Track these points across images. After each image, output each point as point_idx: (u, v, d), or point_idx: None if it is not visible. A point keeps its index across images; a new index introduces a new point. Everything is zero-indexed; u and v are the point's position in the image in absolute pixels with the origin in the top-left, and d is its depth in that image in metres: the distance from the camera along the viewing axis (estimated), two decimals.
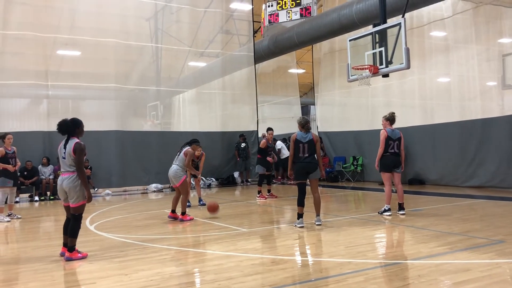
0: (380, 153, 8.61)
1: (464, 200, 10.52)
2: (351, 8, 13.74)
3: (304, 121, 7.74)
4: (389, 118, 8.70)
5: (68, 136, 5.83)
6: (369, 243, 6.39)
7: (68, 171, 5.76)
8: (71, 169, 5.74)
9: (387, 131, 8.60)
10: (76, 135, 5.87)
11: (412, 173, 14.70)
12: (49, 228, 9.02)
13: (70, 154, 5.69)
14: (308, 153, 7.53)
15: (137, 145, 15.80)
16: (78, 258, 5.68)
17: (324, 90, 19.10)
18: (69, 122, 5.88)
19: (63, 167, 5.82)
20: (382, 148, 8.58)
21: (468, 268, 4.78)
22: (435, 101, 14.70)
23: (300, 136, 7.60)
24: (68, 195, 5.75)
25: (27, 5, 14.65)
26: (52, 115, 15.11)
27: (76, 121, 5.95)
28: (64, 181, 5.73)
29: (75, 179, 5.71)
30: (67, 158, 5.73)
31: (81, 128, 5.95)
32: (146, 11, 16.88)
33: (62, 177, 5.78)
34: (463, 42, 14.05)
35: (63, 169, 5.81)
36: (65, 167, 5.77)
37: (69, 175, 5.74)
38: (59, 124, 5.86)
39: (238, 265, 5.17)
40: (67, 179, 5.72)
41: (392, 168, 8.61)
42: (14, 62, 14.86)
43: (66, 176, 5.75)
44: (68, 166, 5.75)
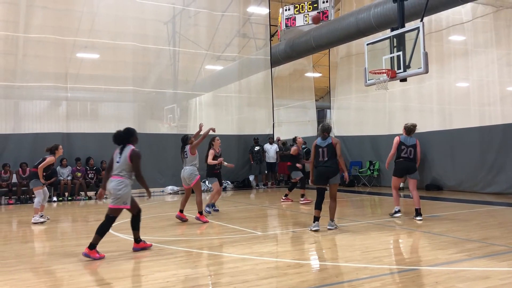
0: (390, 156, 9.04)
1: (483, 207, 10.35)
2: (368, 12, 13.67)
3: (321, 128, 7.83)
4: (405, 127, 9.09)
5: (123, 144, 6.15)
6: (385, 248, 6.33)
7: (117, 175, 6.00)
8: (121, 174, 5.99)
9: (401, 137, 8.97)
10: (131, 142, 6.20)
11: (430, 178, 14.52)
12: (67, 229, 9.14)
13: (126, 160, 5.99)
14: (327, 157, 7.57)
15: (153, 147, 15.92)
16: (96, 258, 5.76)
17: (341, 94, 19.02)
18: (122, 133, 6.23)
19: (114, 171, 6.07)
20: (392, 152, 8.96)
21: (487, 276, 4.70)
22: (453, 106, 14.51)
23: (320, 142, 7.73)
24: (110, 196, 6.01)
25: (48, 8, 14.92)
26: (71, 117, 15.37)
27: (130, 130, 6.30)
28: (111, 183, 6.00)
29: (121, 184, 5.96)
30: (121, 163, 6.01)
31: (135, 136, 6.30)
32: (164, 14, 17.04)
33: (111, 180, 6.04)
34: (483, 47, 13.87)
35: (114, 173, 6.06)
36: (116, 171, 6.04)
37: (117, 178, 5.99)
38: (114, 137, 6.23)
39: (253, 268, 5.17)
40: (115, 181, 5.99)
41: (405, 174, 8.88)
42: (35, 64, 15.13)
43: (114, 179, 6.01)
44: (119, 171, 6.00)
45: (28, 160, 13.76)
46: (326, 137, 7.70)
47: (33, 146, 14.17)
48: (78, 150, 14.78)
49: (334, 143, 7.60)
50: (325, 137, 7.69)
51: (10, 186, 13.36)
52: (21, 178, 13.48)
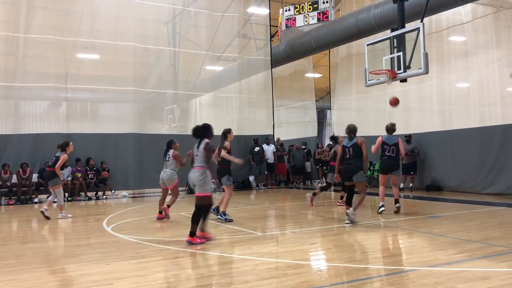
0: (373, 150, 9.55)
1: (483, 207, 10.35)
2: (369, 13, 13.68)
3: (347, 129, 8.42)
4: (386, 127, 9.76)
5: (201, 138, 6.77)
6: (385, 249, 6.33)
7: (198, 166, 6.66)
8: (201, 165, 6.64)
9: (383, 137, 9.52)
10: (207, 137, 6.80)
11: (430, 179, 14.53)
12: (67, 229, 9.14)
13: (202, 152, 6.65)
14: (352, 155, 8.13)
15: (154, 148, 15.88)
16: (197, 243, 6.43)
17: (341, 95, 19.03)
18: (201, 128, 6.88)
19: (195, 163, 6.75)
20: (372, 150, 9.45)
21: (488, 276, 4.70)
22: (453, 107, 14.53)
23: (346, 142, 8.39)
24: (194, 186, 6.63)
25: (48, 9, 14.93)
26: (71, 118, 15.38)
27: (206, 126, 6.92)
28: (194, 175, 6.64)
29: (201, 174, 6.58)
30: (199, 156, 6.67)
31: (211, 131, 6.90)
32: (164, 15, 17.05)
33: (193, 171, 6.68)
34: (483, 47, 13.89)
35: (195, 164, 6.73)
36: (196, 163, 6.71)
37: (198, 169, 6.64)
38: (193, 130, 6.89)
39: (253, 269, 5.17)
40: (196, 172, 6.63)
41: (388, 171, 9.53)
42: (35, 65, 15.15)
43: (195, 170, 6.67)
44: (199, 163, 6.67)
45: (29, 160, 13.79)
46: (352, 137, 8.27)
47: (33, 147, 14.19)
48: (78, 150, 14.69)
49: (359, 143, 8.15)
50: (351, 138, 8.27)
51: (10, 187, 13.36)
52: (21, 179, 13.48)
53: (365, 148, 8.15)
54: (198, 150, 6.74)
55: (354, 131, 8.35)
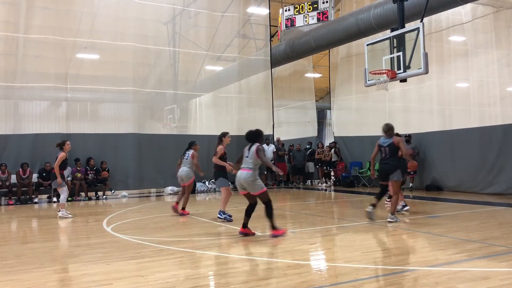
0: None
1: (483, 207, 10.35)
2: (368, 13, 13.68)
3: (386, 128, 8.54)
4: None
5: (253, 142, 7.18)
6: (385, 249, 6.33)
7: (247, 168, 6.98)
8: (250, 167, 6.96)
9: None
10: (258, 141, 7.22)
11: (430, 179, 14.53)
12: (67, 229, 9.13)
13: (253, 155, 6.99)
14: (388, 155, 8.26)
15: (154, 148, 15.93)
16: (281, 234, 6.98)
17: (341, 95, 19.02)
18: (253, 132, 7.28)
19: (244, 164, 7.08)
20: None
21: (487, 276, 4.70)
22: (453, 107, 14.52)
23: (382, 141, 8.53)
24: (247, 187, 6.97)
25: (48, 9, 14.93)
26: (71, 118, 15.38)
27: (259, 131, 7.35)
28: (242, 175, 6.98)
29: (250, 175, 6.91)
30: (250, 158, 7.02)
31: (262, 137, 7.38)
32: (164, 15, 17.05)
33: (241, 172, 7.01)
34: (483, 47, 13.88)
35: (244, 166, 7.05)
36: (245, 165, 7.04)
37: (246, 171, 6.96)
38: (247, 134, 7.29)
39: (253, 269, 5.17)
40: (245, 174, 6.96)
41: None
42: (35, 65, 15.14)
43: (244, 172, 6.98)
44: (248, 164, 6.98)
45: (29, 160, 13.78)
46: (390, 135, 8.40)
47: (33, 147, 14.19)
48: (78, 150, 14.76)
49: (396, 142, 8.28)
50: (390, 136, 8.40)
51: (10, 187, 13.35)
52: (21, 179, 13.48)
53: (403, 146, 8.29)
54: (249, 152, 7.09)
55: (392, 129, 8.47)
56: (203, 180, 16.53)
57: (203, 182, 16.51)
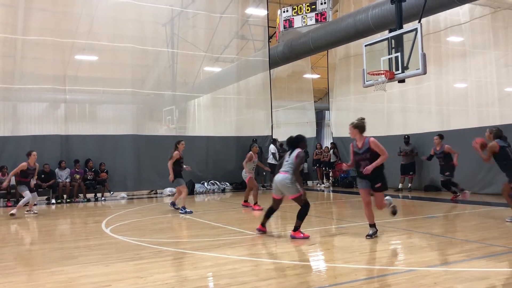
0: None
1: (482, 207, 10.37)
2: (366, 14, 13.69)
3: (499, 132, 8.54)
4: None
5: (294, 147, 7.29)
6: (384, 249, 6.34)
7: (284, 171, 7.09)
8: (287, 170, 7.06)
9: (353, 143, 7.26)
10: (300, 147, 7.30)
11: (428, 179, 14.54)
12: (66, 231, 9.13)
13: (293, 159, 7.10)
14: None
15: (152, 149, 15.91)
16: (300, 238, 6.88)
17: (339, 95, 19.04)
18: (294, 138, 7.40)
19: (283, 168, 7.19)
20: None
21: (486, 276, 4.71)
22: (452, 107, 14.56)
23: (502, 143, 8.46)
24: (283, 190, 7.08)
25: (46, 11, 14.91)
26: (70, 119, 15.35)
27: (300, 137, 7.46)
28: (278, 178, 7.09)
29: (287, 178, 7.00)
30: (289, 162, 7.12)
31: (304, 141, 7.46)
32: (163, 16, 17.04)
33: (278, 175, 7.12)
34: (481, 48, 13.92)
35: (283, 169, 7.17)
36: (284, 168, 7.17)
37: (283, 174, 7.08)
38: (288, 139, 7.45)
39: (252, 270, 5.17)
40: (282, 177, 7.06)
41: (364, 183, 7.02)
42: (33, 67, 15.11)
43: (281, 174, 7.09)
44: (286, 168, 7.11)
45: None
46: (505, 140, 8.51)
47: (31, 148, 14.13)
48: (76, 152, 14.77)
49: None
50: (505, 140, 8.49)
51: (8, 189, 13.33)
52: None
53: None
54: (289, 157, 7.20)
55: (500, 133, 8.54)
56: (202, 181, 16.54)
57: (201, 183, 16.51)
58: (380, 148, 6.76)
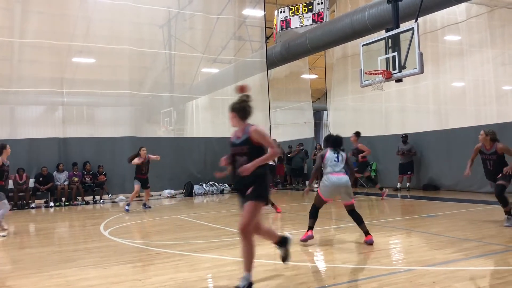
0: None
1: (480, 206, 10.37)
2: (363, 13, 13.71)
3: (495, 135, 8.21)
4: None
5: (339, 146, 6.99)
6: (382, 249, 6.33)
7: (342, 172, 6.76)
8: (342, 171, 6.76)
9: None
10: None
11: (427, 178, 14.56)
12: (64, 234, 9.12)
13: (345, 159, 6.87)
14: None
15: (150, 151, 15.85)
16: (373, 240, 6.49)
17: (337, 96, 19.06)
18: (340, 138, 7.06)
19: (337, 168, 6.76)
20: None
21: (485, 275, 4.71)
22: (449, 106, 14.58)
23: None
24: (344, 195, 6.67)
25: (43, 13, 14.91)
26: (68, 122, 15.34)
27: (340, 137, 7.11)
28: (343, 180, 6.66)
29: (348, 181, 6.74)
30: (341, 162, 6.82)
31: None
32: (160, 18, 17.04)
33: (340, 177, 6.68)
34: (478, 46, 13.95)
35: (338, 170, 6.74)
36: (338, 168, 6.75)
37: (345, 175, 6.74)
38: (334, 139, 6.99)
39: None
40: (346, 178, 6.71)
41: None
42: (31, 70, 15.11)
43: (343, 176, 6.71)
44: (341, 169, 6.77)
45: (25, 165, 13.73)
46: None
47: (29, 152, 14.14)
48: (74, 155, 14.75)
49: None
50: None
51: (7, 192, 13.29)
52: (18, 184, 13.43)
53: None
54: (341, 157, 6.83)
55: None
56: (200, 183, 16.53)
57: (200, 184, 16.50)
58: (267, 139, 4.87)
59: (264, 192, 4.63)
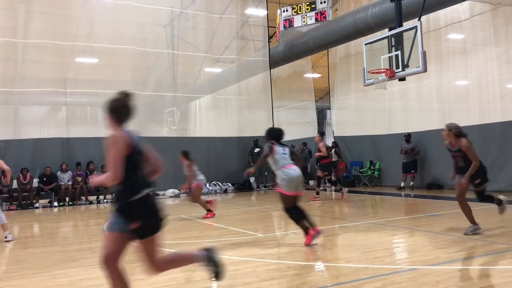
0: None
1: (484, 205, 10.28)
2: (366, 12, 13.67)
3: (460, 130, 7.56)
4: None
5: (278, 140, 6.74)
6: (386, 248, 6.32)
7: (291, 164, 6.57)
8: (292, 162, 6.59)
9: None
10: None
11: (431, 177, 14.51)
12: (68, 234, 9.14)
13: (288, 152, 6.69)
14: None
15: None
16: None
17: (340, 95, 19.02)
18: (281, 130, 6.88)
19: (288, 161, 6.58)
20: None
21: (489, 274, 4.69)
22: (453, 104, 14.50)
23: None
24: (300, 185, 6.59)
25: (46, 14, 14.96)
26: (71, 122, 15.38)
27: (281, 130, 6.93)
28: (299, 172, 6.55)
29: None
30: (288, 155, 6.63)
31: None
32: (163, 18, 17.06)
33: (297, 169, 6.53)
34: (482, 44, 13.87)
35: (291, 162, 6.60)
36: (289, 161, 6.59)
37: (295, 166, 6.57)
38: (276, 133, 6.79)
39: (254, 270, 5.16)
40: (299, 170, 6.56)
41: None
42: (34, 70, 15.15)
43: (297, 168, 6.56)
44: (290, 161, 6.60)
45: (29, 165, 13.78)
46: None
47: (33, 152, 14.18)
48: (78, 154, 14.78)
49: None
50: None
51: (11, 192, 13.37)
52: (22, 184, 13.48)
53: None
54: (285, 150, 6.69)
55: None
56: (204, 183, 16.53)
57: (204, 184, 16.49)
58: (110, 156, 3.39)
59: (147, 226, 3.75)
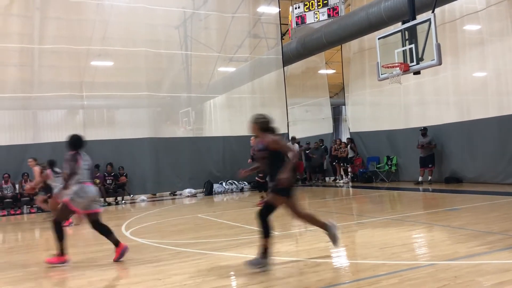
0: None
1: (504, 198, 10.14)
2: (379, 6, 13.53)
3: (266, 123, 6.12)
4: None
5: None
6: (404, 244, 6.25)
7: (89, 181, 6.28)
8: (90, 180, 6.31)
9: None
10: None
11: (449, 171, 14.32)
12: (86, 235, 9.25)
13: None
14: None
15: (170, 151, 16.04)
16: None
17: (355, 90, 18.88)
18: (80, 138, 6.27)
19: (86, 178, 6.25)
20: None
21: (509, 269, 4.60)
22: (471, 97, 14.25)
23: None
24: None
25: (61, 19, 15.17)
26: (88, 125, 15.59)
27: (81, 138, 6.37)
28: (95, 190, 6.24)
29: None
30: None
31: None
32: (175, 19, 17.15)
33: (92, 187, 6.22)
34: (499, 35, 13.59)
35: (88, 179, 6.28)
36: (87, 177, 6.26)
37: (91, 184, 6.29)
38: (75, 142, 6.18)
39: (270, 269, 5.15)
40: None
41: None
42: (51, 75, 15.40)
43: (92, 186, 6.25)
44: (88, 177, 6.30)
45: None
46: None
47: (52, 155, 14.36)
48: (96, 157, 14.86)
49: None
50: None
51: (31, 195, 13.59)
52: None
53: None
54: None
55: None
56: (220, 181, 16.60)
57: (220, 183, 16.57)
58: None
59: None
